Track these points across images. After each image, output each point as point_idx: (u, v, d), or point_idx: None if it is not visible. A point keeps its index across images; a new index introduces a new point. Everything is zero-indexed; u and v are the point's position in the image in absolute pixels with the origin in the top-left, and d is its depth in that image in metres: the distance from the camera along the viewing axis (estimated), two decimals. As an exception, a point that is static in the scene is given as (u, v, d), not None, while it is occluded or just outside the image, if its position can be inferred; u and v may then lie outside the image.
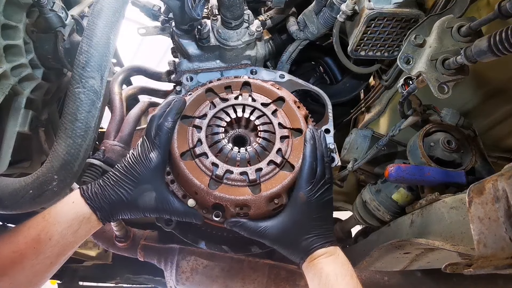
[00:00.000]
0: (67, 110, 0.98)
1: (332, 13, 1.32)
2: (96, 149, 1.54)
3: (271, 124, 1.05)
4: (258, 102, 1.09)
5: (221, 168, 0.97)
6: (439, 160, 1.14)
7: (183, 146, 1.01)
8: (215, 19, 1.31)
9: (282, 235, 0.95)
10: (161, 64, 6.21)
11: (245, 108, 1.09)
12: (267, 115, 1.07)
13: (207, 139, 1.02)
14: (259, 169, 0.98)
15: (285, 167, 1.01)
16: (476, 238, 0.73)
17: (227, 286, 1.22)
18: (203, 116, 1.06)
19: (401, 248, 1.21)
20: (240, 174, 0.97)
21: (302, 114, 1.11)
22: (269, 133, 1.04)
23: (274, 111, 1.08)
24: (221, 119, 1.07)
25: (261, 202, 0.95)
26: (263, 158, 1.00)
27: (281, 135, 1.03)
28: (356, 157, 1.42)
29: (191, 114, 1.07)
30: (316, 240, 0.94)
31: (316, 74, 1.73)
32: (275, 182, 0.98)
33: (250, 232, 0.96)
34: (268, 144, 1.03)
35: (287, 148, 1.02)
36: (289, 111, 1.09)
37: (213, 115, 1.06)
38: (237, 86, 1.15)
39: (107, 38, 1.01)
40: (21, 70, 1.21)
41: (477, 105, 1.31)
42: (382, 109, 1.65)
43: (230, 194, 0.95)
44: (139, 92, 2.04)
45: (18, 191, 0.99)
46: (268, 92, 1.13)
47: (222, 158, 1.00)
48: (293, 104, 1.11)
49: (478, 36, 0.94)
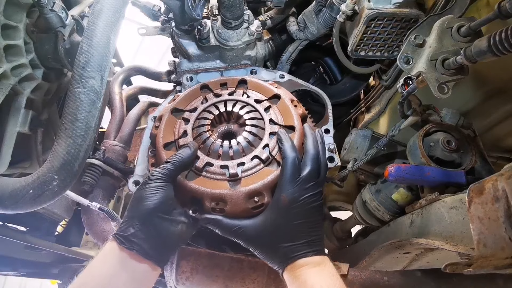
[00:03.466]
0: (67, 110, 0.98)
1: (332, 13, 1.32)
2: (97, 149, 1.55)
3: (261, 120, 1.01)
4: (252, 99, 1.07)
5: (201, 160, 0.93)
6: (439, 160, 1.14)
7: (168, 137, 1.00)
8: (215, 19, 1.31)
9: (259, 237, 0.87)
10: (161, 64, 6.22)
11: (236, 103, 1.06)
12: (258, 110, 1.03)
13: (193, 132, 1.00)
14: (241, 164, 0.93)
15: (271, 164, 0.94)
16: (476, 238, 0.73)
17: (227, 286, 1.22)
18: (193, 110, 1.06)
19: (401, 248, 1.21)
20: (221, 167, 0.92)
21: (298, 112, 1.06)
22: (258, 128, 1.00)
23: (267, 107, 1.05)
24: (210, 113, 1.05)
25: (238, 198, 0.88)
26: (247, 153, 0.95)
27: (271, 131, 0.98)
28: (356, 157, 1.42)
29: (182, 107, 1.07)
30: (298, 248, 0.84)
31: (316, 74, 1.74)
32: (257, 178, 0.91)
33: (224, 230, 0.89)
34: (255, 140, 0.98)
35: (275, 145, 0.96)
36: (284, 108, 1.05)
37: (204, 109, 1.05)
38: (233, 83, 1.14)
39: (107, 38, 1.01)
40: (21, 70, 1.21)
41: (477, 105, 1.31)
42: (382, 109, 1.65)
43: (206, 187, 0.89)
44: (139, 92, 2.04)
45: (18, 191, 0.99)
46: (264, 89, 1.11)
47: (205, 150, 0.96)
48: (289, 102, 1.07)
49: (478, 36, 0.94)
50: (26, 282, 6.74)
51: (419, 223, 1.09)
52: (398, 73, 1.48)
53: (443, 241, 0.95)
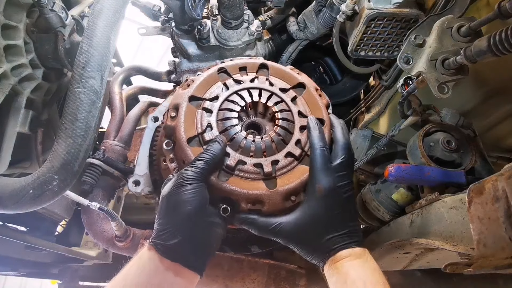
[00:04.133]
0: (67, 110, 0.98)
1: (332, 13, 1.33)
2: (96, 149, 1.54)
3: (290, 112, 0.94)
4: (276, 87, 0.98)
5: (233, 158, 0.86)
6: (439, 160, 1.14)
7: (191, 131, 0.90)
8: (215, 19, 1.31)
9: (299, 232, 0.83)
10: (161, 64, 6.22)
11: (261, 92, 0.97)
12: (285, 101, 0.96)
13: (218, 125, 0.91)
14: (276, 161, 0.87)
15: (304, 160, 0.90)
16: (476, 238, 0.73)
17: (227, 286, 1.22)
18: (214, 99, 0.95)
19: (401, 248, 1.21)
20: (254, 165, 0.86)
21: (324, 103, 1.00)
22: (288, 122, 0.93)
23: (294, 98, 0.97)
24: (235, 103, 0.95)
25: (276, 199, 0.84)
26: (280, 150, 0.90)
27: (301, 125, 0.93)
28: (356, 157, 1.42)
29: (200, 95, 0.96)
30: (338, 240, 0.81)
31: (316, 74, 1.74)
32: (293, 177, 0.87)
33: (262, 229, 0.85)
34: (286, 134, 0.92)
35: (306, 139, 0.91)
36: (310, 98, 0.98)
37: (226, 98, 0.95)
38: (253, 68, 1.04)
39: (107, 38, 1.01)
40: (21, 70, 1.21)
41: (476, 105, 1.31)
42: (382, 109, 1.65)
43: (242, 188, 0.83)
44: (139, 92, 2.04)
45: (18, 191, 0.99)
46: (287, 76, 1.02)
47: (235, 146, 0.89)
48: (314, 92, 1.00)
49: (477, 36, 0.94)
50: (26, 282, 6.74)
51: (419, 223, 1.09)
52: (398, 73, 1.48)
53: (443, 241, 0.95)
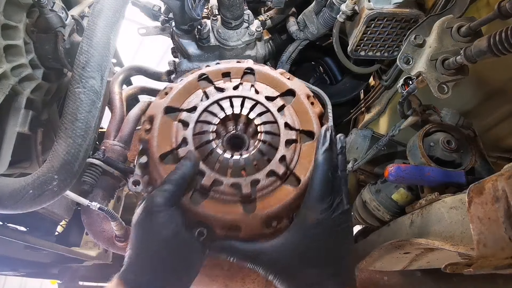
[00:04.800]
0: (67, 110, 0.98)
1: (332, 13, 1.33)
2: (96, 149, 1.54)
3: (275, 124, 0.85)
4: (262, 95, 0.89)
5: (208, 177, 0.78)
6: (439, 160, 1.14)
7: (165, 146, 0.82)
8: (215, 19, 1.31)
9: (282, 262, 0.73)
10: (161, 64, 6.22)
11: (244, 101, 0.88)
12: (271, 111, 0.86)
13: (194, 139, 0.82)
14: (256, 181, 0.78)
15: (288, 180, 0.81)
16: (475, 238, 0.73)
17: (227, 286, 1.22)
18: (192, 109, 0.86)
19: (401, 248, 1.21)
20: (231, 186, 0.77)
21: (316, 112, 0.90)
22: (272, 135, 0.84)
23: (281, 107, 0.88)
24: (214, 115, 0.86)
25: (255, 224, 0.76)
26: (262, 167, 0.80)
27: (287, 138, 0.83)
28: (356, 157, 1.42)
29: (178, 105, 0.87)
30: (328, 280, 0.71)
31: (316, 74, 1.74)
32: (274, 199, 0.78)
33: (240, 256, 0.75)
34: (269, 150, 0.82)
35: (293, 155, 0.82)
36: (300, 108, 0.89)
37: (205, 109, 0.86)
38: (238, 73, 0.95)
39: (107, 38, 1.01)
40: (21, 70, 1.21)
41: (477, 105, 1.31)
42: (382, 109, 1.65)
43: (216, 212, 0.76)
44: (139, 92, 2.04)
45: (18, 191, 0.99)
46: (275, 82, 0.92)
47: (211, 164, 0.80)
48: (305, 100, 0.90)
49: (477, 36, 0.94)
50: (26, 282, 6.75)
51: (419, 223, 1.09)
52: (398, 73, 1.48)
53: (443, 241, 0.95)
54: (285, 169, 0.80)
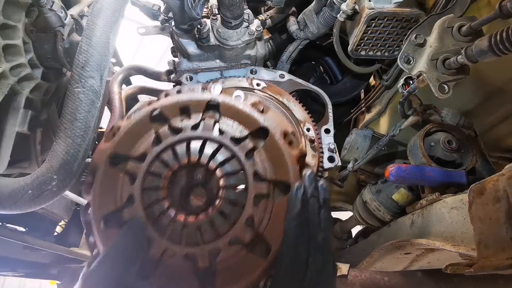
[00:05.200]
0: (67, 110, 0.98)
1: (332, 13, 1.32)
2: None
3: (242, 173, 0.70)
4: (227, 135, 0.72)
5: (158, 246, 0.66)
6: (439, 160, 1.14)
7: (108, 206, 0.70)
8: (215, 18, 1.31)
9: None
10: (161, 63, 6.22)
11: (205, 144, 0.72)
12: (238, 157, 0.70)
13: (142, 196, 0.68)
14: (216, 251, 0.65)
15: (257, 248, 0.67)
16: (476, 238, 0.73)
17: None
18: (141, 157, 0.71)
19: (402, 249, 1.21)
20: (186, 257, 0.65)
21: (293, 155, 0.72)
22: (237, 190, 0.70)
23: (250, 150, 0.71)
24: (166, 165, 0.71)
25: None
26: (223, 232, 0.66)
27: (257, 193, 0.68)
28: (356, 157, 1.42)
29: (125, 151, 0.72)
30: None
31: (316, 73, 1.73)
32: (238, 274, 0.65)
33: None
34: (233, 209, 0.68)
35: (263, 214, 0.67)
36: (274, 151, 0.71)
37: (156, 156, 0.71)
38: (199, 106, 0.75)
39: (107, 38, 1.01)
40: (20, 69, 1.21)
41: (477, 105, 1.31)
42: (382, 109, 1.64)
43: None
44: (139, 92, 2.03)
45: (17, 191, 0.99)
46: (245, 118, 0.74)
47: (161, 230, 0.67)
48: (281, 140, 0.72)
49: (478, 36, 0.94)
50: (25, 282, 6.74)
51: (419, 223, 1.09)
52: (398, 72, 1.48)
53: (444, 242, 0.95)
54: (252, 234, 0.66)
